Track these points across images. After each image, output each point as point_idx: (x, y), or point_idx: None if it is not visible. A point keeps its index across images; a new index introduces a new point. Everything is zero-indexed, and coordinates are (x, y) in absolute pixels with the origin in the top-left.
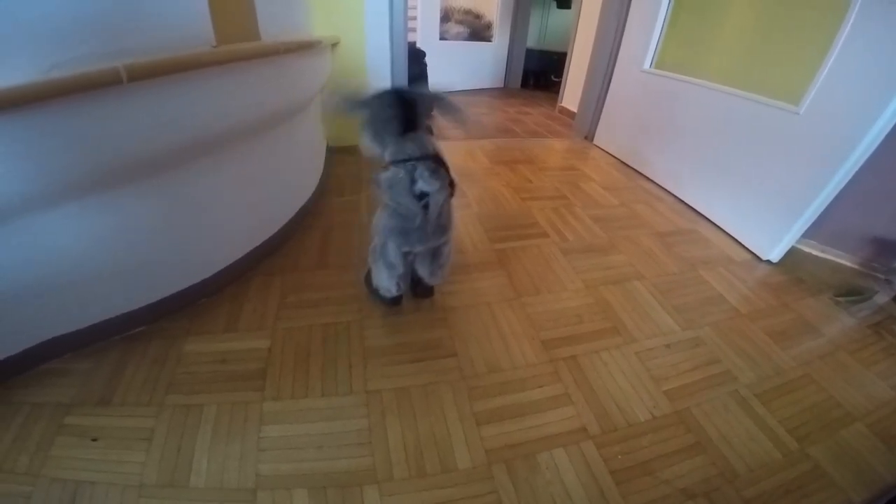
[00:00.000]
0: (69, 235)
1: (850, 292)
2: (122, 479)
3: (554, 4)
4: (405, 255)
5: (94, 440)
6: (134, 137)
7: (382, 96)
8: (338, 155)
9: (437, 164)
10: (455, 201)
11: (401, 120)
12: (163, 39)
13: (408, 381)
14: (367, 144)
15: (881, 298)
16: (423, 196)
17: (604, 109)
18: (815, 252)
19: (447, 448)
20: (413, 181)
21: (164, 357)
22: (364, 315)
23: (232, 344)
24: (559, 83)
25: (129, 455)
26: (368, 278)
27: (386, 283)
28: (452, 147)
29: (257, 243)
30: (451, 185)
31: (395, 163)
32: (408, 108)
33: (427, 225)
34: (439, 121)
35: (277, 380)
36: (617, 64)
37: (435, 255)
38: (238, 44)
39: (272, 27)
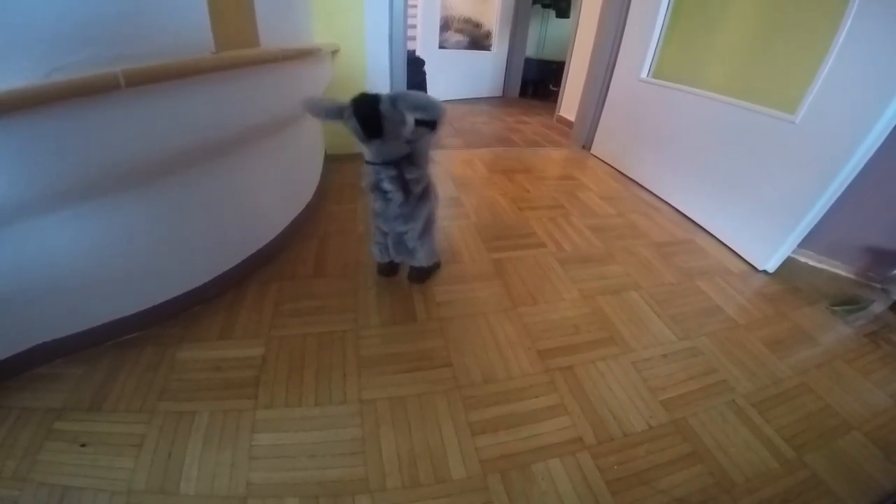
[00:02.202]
0: (64, 240)
1: (846, 302)
2: (111, 484)
3: (553, 14)
4: (381, 231)
5: (84, 445)
6: (131, 143)
7: (344, 108)
8: (336, 163)
9: (399, 170)
10: (451, 211)
11: (361, 129)
12: (162, 45)
13: (402, 391)
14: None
15: (878, 308)
16: (386, 191)
17: (601, 119)
18: (811, 262)
19: (441, 458)
20: (378, 181)
21: (156, 363)
22: (359, 324)
23: (226, 351)
24: (557, 92)
25: (118, 461)
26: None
27: (373, 248)
28: (450, 156)
29: (254, 250)
30: (413, 187)
31: (367, 163)
32: (368, 117)
33: (387, 212)
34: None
35: (271, 388)
36: (615, 73)
37: (400, 240)
38: (237, 50)
39: (272, 34)
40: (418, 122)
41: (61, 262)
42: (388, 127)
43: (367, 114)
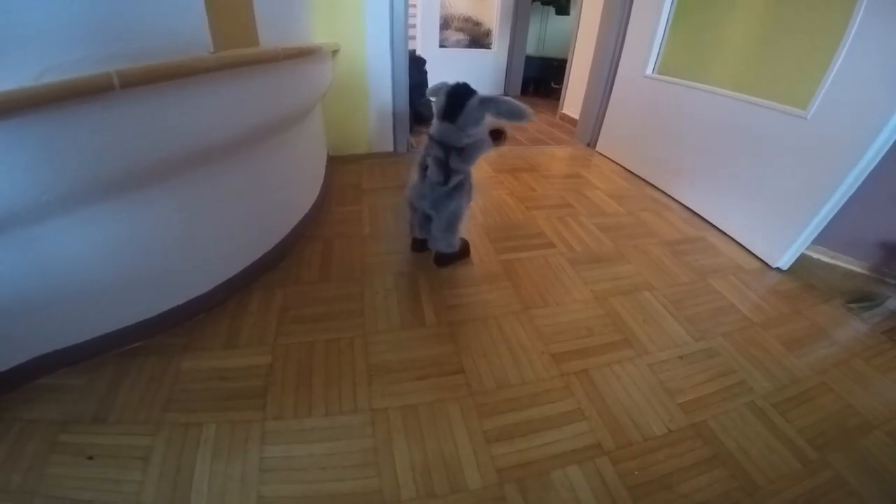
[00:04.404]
0: (63, 248)
1: (862, 298)
2: (120, 498)
3: (552, 11)
4: (412, 206)
5: (90, 458)
6: (128, 146)
7: (443, 87)
8: (339, 164)
9: (447, 154)
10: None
11: (442, 108)
12: (159, 44)
13: (414, 399)
14: None
15: (893, 304)
16: (426, 167)
17: (606, 116)
18: (824, 258)
19: (457, 468)
20: (426, 156)
21: (161, 374)
22: (367, 330)
23: (231, 360)
24: (559, 90)
25: (126, 474)
26: None
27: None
28: None
29: (257, 256)
30: (451, 175)
31: (428, 136)
32: (453, 102)
33: (421, 186)
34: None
35: (279, 398)
36: (619, 70)
37: (425, 220)
38: (236, 49)
39: (272, 33)
40: (492, 133)
41: (61, 271)
42: (463, 117)
43: (456, 97)
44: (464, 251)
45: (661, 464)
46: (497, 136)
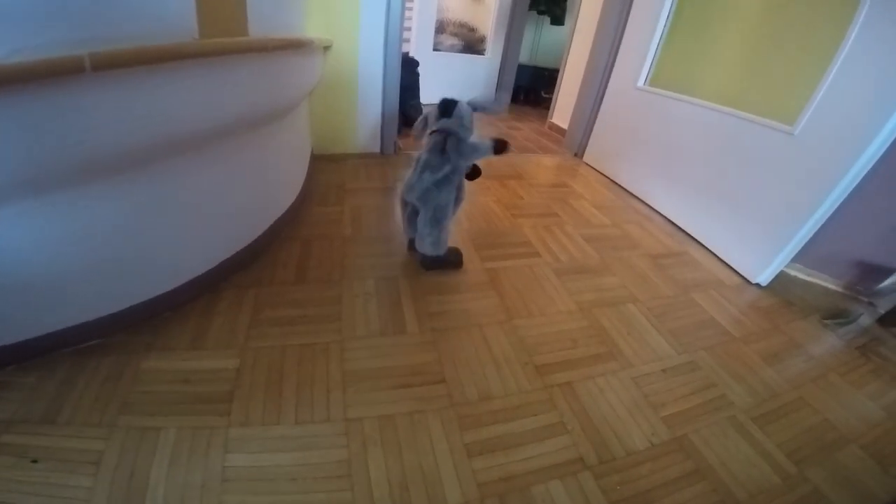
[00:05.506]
0: (21, 235)
1: (836, 315)
2: None
3: (547, 21)
4: (403, 201)
5: (35, 461)
6: (98, 132)
7: (431, 111)
8: (323, 163)
9: (445, 138)
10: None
11: (441, 110)
12: (140, 28)
13: (392, 409)
14: None
15: (865, 321)
16: (418, 160)
17: (595, 126)
18: (801, 276)
19: (436, 482)
20: (424, 151)
21: (119, 374)
22: (345, 336)
23: (197, 362)
24: (549, 99)
25: (74, 479)
26: None
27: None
28: None
29: (231, 253)
30: (448, 149)
31: (430, 132)
32: (446, 103)
33: (412, 178)
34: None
35: (246, 404)
36: (610, 81)
37: (413, 214)
38: (222, 37)
39: (263, 23)
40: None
41: (17, 259)
42: (457, 111)
43: (447, 102)
44: (455, 261)
45: (644, 479)
46: (499, 145)
